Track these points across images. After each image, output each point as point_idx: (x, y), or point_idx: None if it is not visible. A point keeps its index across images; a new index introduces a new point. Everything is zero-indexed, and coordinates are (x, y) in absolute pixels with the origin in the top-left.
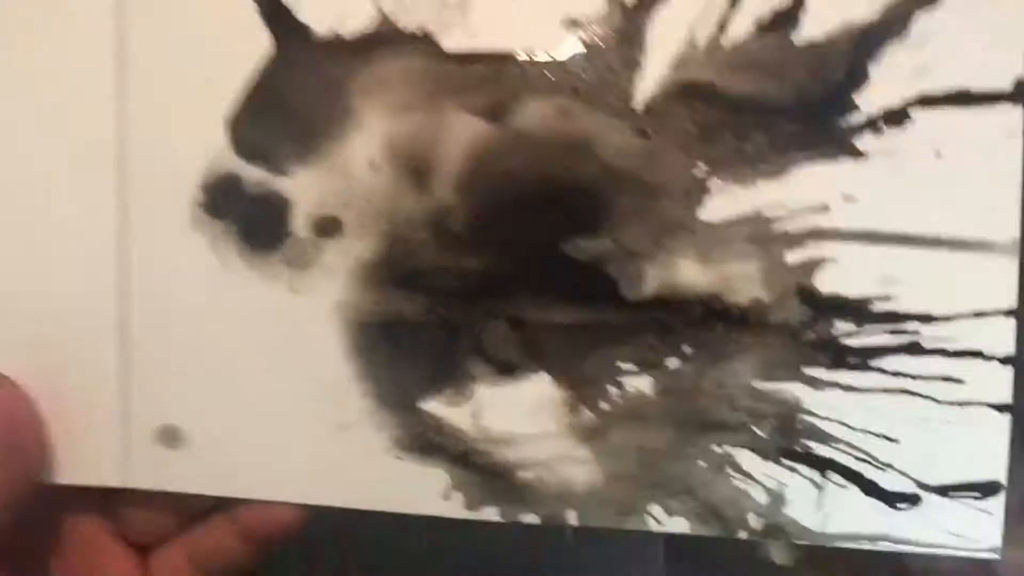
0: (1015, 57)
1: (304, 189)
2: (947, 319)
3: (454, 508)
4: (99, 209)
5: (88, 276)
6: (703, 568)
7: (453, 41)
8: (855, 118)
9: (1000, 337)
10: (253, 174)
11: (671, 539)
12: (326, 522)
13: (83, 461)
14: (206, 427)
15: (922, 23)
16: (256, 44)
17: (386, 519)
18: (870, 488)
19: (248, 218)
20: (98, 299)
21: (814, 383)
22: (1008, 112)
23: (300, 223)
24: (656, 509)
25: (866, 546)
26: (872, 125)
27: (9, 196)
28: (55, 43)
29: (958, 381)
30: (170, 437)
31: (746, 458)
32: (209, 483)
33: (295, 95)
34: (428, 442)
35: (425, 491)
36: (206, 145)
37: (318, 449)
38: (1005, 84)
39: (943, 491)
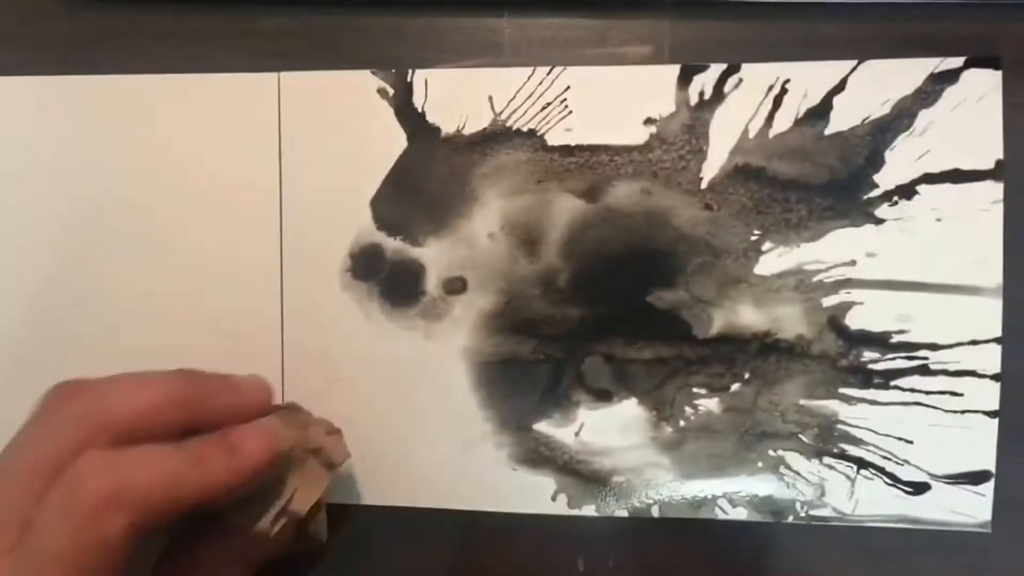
0: (995, 143)
1: (436, 256)
2: (949, 347)
3: (559, 507)
4: (266, 274)
5: (257, 328)
6: None
7: (555, 137)
8: (874, 193)
9: (990, 360)
10: (393, 244)
11: None
12: None
13: None
14: (352, 448)
15: (923, 117)
16: (394, 140)
17: None
18: (892, 479)
19: (389, 280)
20: (265, 351)
21: (848, 399)
22: (991, 186)
23: (433, 284)
24: (723, 502)
25: (888, 525)
26: (888, 198)
27: (197, 263)
28: (231, 142)
29: (958, 394)
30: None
31: (794, 459)
32: (353, 494)
33: (427, 181)
34: (539, 455)
35: (536, 495)
36: (354, 221)
37: (449, 464)
38: (988, 164)
39: (948, 479)
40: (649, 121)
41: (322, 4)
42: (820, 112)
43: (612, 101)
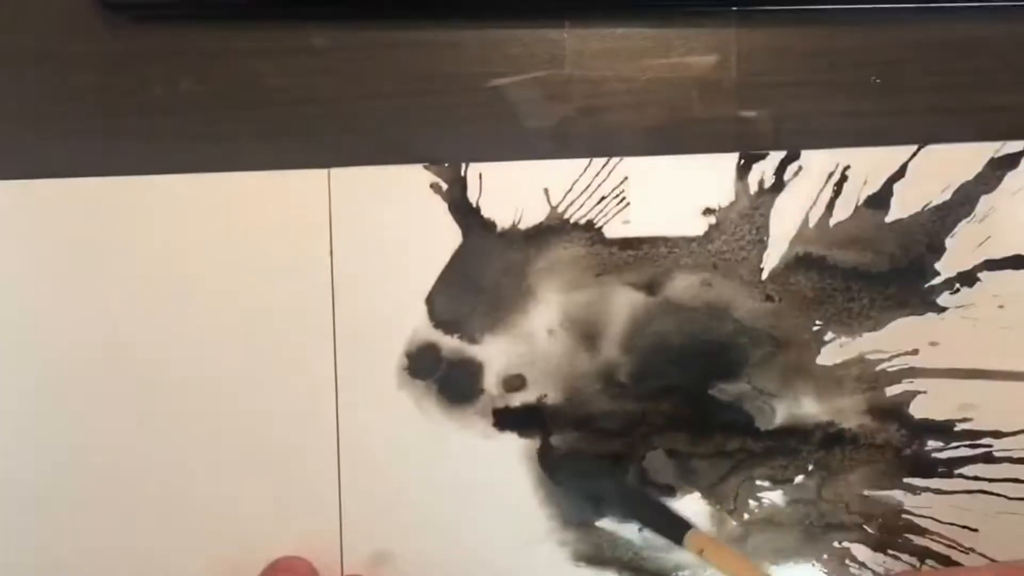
0: None
1: (494, 354)
2: (1012, 434)
3: None
4: (320, 373)
5: (312, 427)
6: None
7: (613, 229)
8: (936, 281)
9: None
10: (450, 343)
11: None
12: None
13: None
14: (414, 548)
15: (984, 203)
16: (448, 236)
17: None
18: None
19: (447, 379)
20: (321, 450)
21: (912, 489)
22: None
23: (491, 381)
24: None
25: None
26: (949, 285)
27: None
28: (281, 241)
29: (1023, 481)
30: (382, 560)
31: (860, 551)
32: None
33: (483, 276)
34: (602, 552)
35: None
36: (409, 319)
37: (511, 563)
38: None
39: None
40: (708, 211)
41: (372, 19)
42: (880, 199)
43: (670, 191)
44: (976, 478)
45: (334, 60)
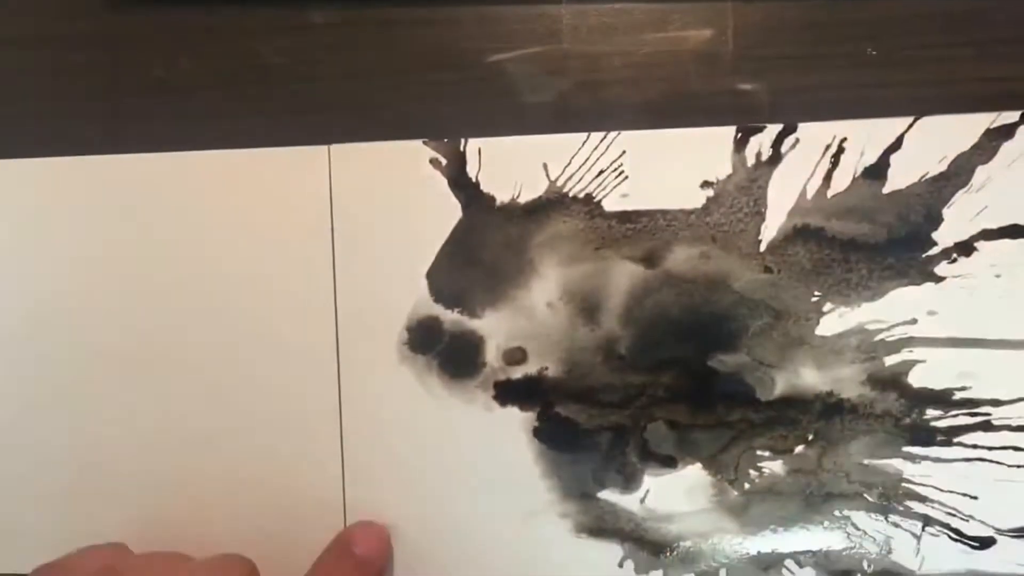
0: None
1: (494, 327)
2: (1011, 402)
3: (627, 574)
4: (322, 348)
5: (315, 403)
6: None
7: (612, 203)
8: (933, 251)
9: None
10: (451, 317)
11: None
12: None
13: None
14: (417, 522)
15: (981, 173)
16: (448, 211)
17: None
18: (957, 535)
19: (448, 353)
20: (324, 424)
21: (912, 457)
22: None
23: (492, 355)
24: (790, 563)
25: None
26: (947, 255)
27: (250, 339)
28: (282, 218)
29: (1022, 449)
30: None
31: (860, 518)
32: (420, 569)
33: (483, 251)
34: (604, 523)
35: (602, 562)
36: (410, 294)
37: (512, 534)
38: None
39: (1013, 533)
40: (706, 184)
41: None
42: (878, 170)
43: (668, 165)
44: (975, 446)
45: (333, 37)
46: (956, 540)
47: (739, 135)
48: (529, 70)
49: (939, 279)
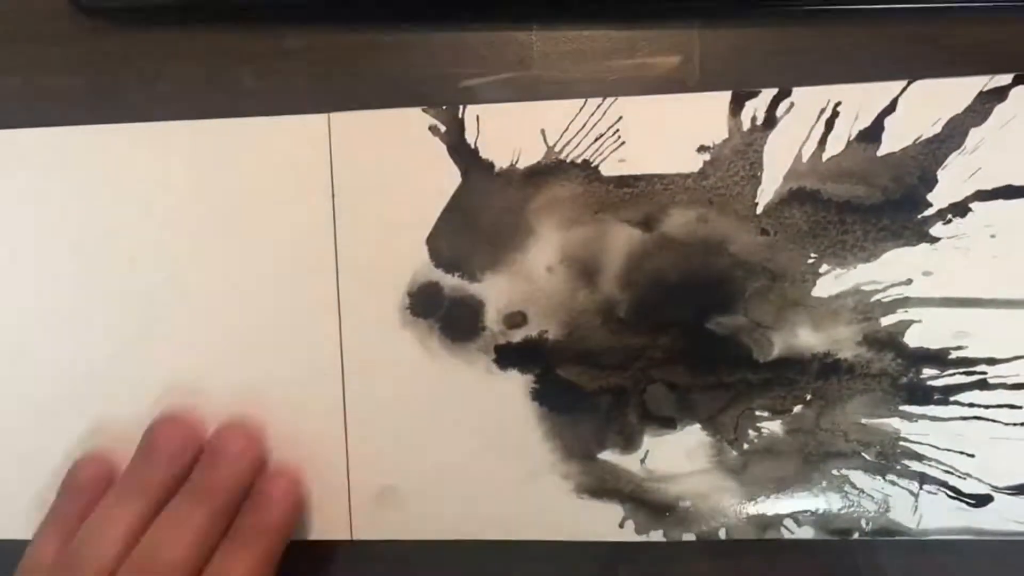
0: None
1: (494, 291)
2: (1006, 360)
3: (627, 534)
4: (324, 314)
5: (317, 369)
6: None
7: (609, 167)
8: (928, 212)
9: None
10: (451, 281)
11: None
12: None
13: (319, 520)
14: (419, 484)
15: (974, 135)
16: (448, 177)
17: None
18: (954, 492)
19: (448, 317)
20: (326, 389)
21: (908, 416)
22: None
23: (492, 318)
24: (789, 522)
25: (952, 537)
26: (942, 216)
27: (253, 308)
28: (283, 186)
29: (1017, 407)
30: (388, 495)
31: (858, 477)
32: (422, 530)
33: (482, 216)
34: (605, 484)
35: (603, 523)
36: (411, 260)
37: (513, 495)
38: None
39: (1010, 490)
40: (702, 148)
41: (345, 22)
42: (872, 133)
43: (664, 130)
44: (971, 405)
45: (307, 63)
46: (953, 498)
47: (734, 100)
48: (500, 96)
49: (934, 240)
